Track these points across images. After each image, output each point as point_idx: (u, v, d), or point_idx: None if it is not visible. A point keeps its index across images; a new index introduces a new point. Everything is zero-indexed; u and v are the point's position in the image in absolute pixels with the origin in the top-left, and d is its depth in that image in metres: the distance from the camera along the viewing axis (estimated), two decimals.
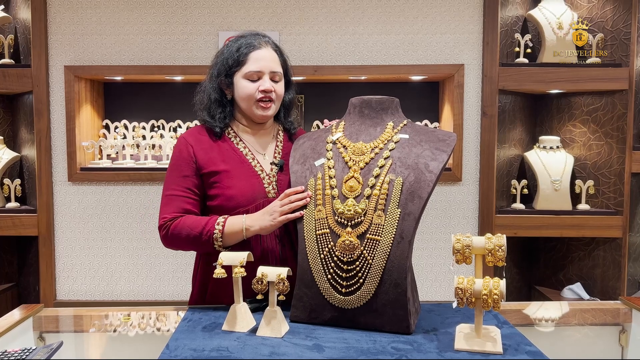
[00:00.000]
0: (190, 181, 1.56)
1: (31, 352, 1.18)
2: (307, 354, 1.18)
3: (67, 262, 3.10)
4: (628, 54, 2.95)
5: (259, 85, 1.58)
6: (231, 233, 1.48)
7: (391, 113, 1.47)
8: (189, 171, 1.56)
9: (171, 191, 1.56)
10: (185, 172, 1.56)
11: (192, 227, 1.50)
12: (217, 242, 1.48)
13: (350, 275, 1.33)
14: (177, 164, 1.59)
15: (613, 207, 3.03)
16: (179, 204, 1.54)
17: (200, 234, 1.48)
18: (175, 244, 1.54)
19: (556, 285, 3.24)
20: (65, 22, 3.02)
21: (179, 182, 1.56)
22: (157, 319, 1.58)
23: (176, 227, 1.51)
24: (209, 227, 1.48)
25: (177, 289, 3.11)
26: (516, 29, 3.16)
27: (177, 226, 1.51)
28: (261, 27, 2.97)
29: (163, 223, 1.54)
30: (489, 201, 3.05)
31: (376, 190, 1.34)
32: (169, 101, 3.25)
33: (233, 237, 1.49)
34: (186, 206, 1.55)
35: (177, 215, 1.53)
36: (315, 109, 3.28)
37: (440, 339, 1.27)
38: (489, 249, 1.22)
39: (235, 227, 1.48)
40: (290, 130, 1.72)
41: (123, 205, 3.07)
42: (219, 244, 1.49)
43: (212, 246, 1.49)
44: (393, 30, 3.02)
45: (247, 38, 1.61)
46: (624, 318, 1.59)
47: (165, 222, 1.53)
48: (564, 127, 3.20)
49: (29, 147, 3.17)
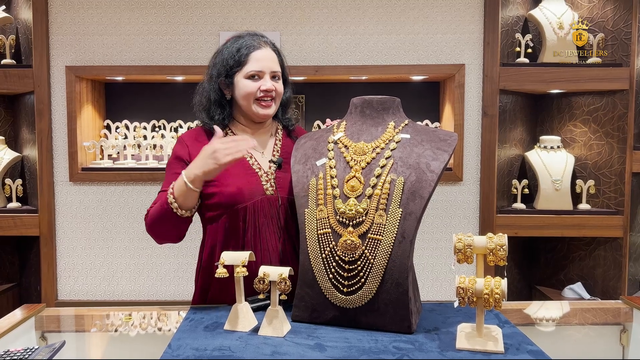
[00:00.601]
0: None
1: (34, 352, 1.19)
2: (309, 354, 1.18)
3: (68, 262, 3.11)
4: (629, 53, 2.96)
5: (259, 84, 1.59)
6: (180, 193, 1.48)
7: (392, 113, 1.47)
8: (180, 169, 1.57)
9: (162, 187, 1.60)
10: (176, 169, 1.58)
11: (157, 207, 1.52)
12: (174, 206, 1.48)
13: (351, 274, 1.33)
14: (171, 162, 1.63)
15: (614, 206, 3.03)
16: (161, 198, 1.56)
17: (162, 208, 1.50)
18: (156, 229, 1.56)
19: (557, 285, 3.24)
20: (67, 22, 3.02)
21: (169, 178, 1.58)
22: (158, 318, 1.58)
23: (149, 215, 1.55)
24: (166, 205, 1.50)
25: (179, 289, 3.11)
26: (517, 28, 3.16)
27: (150, 213, 1.55)
28: (262, 27, 2.98)
29: (145, 216, 1.58)
30: (489, 201, 3.05)
31: (377, 190, 1.34)
32: (170, 101, 3.25)
33: (185, 195, 1.48)
34: None
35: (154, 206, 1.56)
36: (316, 109, 3.28)
37: (442, 338, 1.27)
38: (490, 248, 1.22)
39: (180, 184, 1.48)
40: (288, 127, 1.74)
41: (124, 205, 3.08)
42: (176, 207, 1.49)
43: (176, 214, 1.50)
44: (394, 30, 3.02)
45: (246, 39, 1.62)
46: (625, 317, 1.59)
47: (146, 213, 1.58)
48: (565, 127, 3.21)
49: (30, 147, 3.18)
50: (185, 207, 1.51)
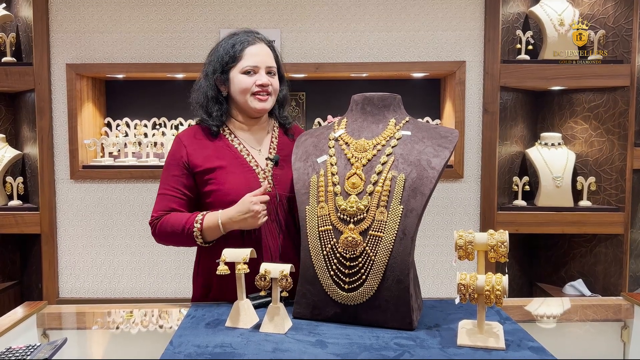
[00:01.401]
0: (179, 181, 1.60)
1: (36, 349, 1.19)
2: (310, 350, 1.19)
3: (69, 259, 3.11)
4: (629, 50, 2.95)
5: (255, 79, 1.60)
6: (209, 229, 1.53)
7: (393, 110, 1.47)
8: (178, 171, 1.61)
9: (162, 190, 1.62)
10: (174, 172, 1.61)
11: (175, 224, 1.56)
12: (198, 239, 1.54)
13: (352, 271, 1.33)
14: (169, 163, 1.64)
15: (614, 203, 3.03)
16: (167, 202, 1.60)
17: (182, 231, 1.54)
18: (165, 241, 1.62)
19: (558, 282, 3.24)
20: (67, 20, 3.02)
21: (169, 181, 1.61)
22: (159, 316, 1.59)
23: (162, 225, 1.58)
24: (189, 225, 1.54)
25: (180, 287, 3.12)
26: (517, 25, 3.16)
27: (162, 224, 1.58)
28: (262, 24, 2.97)
29: (151, 221, 1.61)
30: (490, 198, 3.05)
31: (378, 186, 1.34)
32: (171, 99, 3.25)
33: (213, 233, 1.54)
34: (172, 205, 1.60)
35: (163, 213, 1.59)
36: (316, 106, 3.28)
37: (443, 334, 1.27)
38: (491, 245, 1.22)
39: (212, 222, 1.53)
40: (285, 124, 1.75)
41: (125, 202, 3.08)
42: (200, 240, 1.55)
43: (196, 242, 1.55)
44: (394, 27, 3.02)
45: (241, 35, 1.64)
46: (626, 314, 1.60)
47: (152, 220, 1.61)
48: (566, 124, 3.20)
49: (31, 145, 3.18)
50: (207, 240, 1.56)
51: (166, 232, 1.57)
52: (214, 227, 1.52)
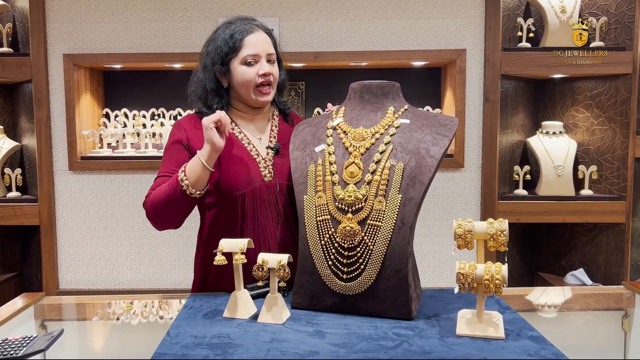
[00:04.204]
0: (179, 161, 1.55)
1: (32, 340, 1.18)
2: (309, 340, 1.18)
3: (68, 251, 3.11)
4: (632, 37, 2.92)
5: (257, 69, 1.57)
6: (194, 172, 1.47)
7: (392, 98, 1.45)
8: (177, 153, 1.57)
9: (160, 173, 1.57)
10: (174, 155, 1.57)
11: (162, 190, 1.49)
12: (184, 184, 1.47)
13: (351, 261, 1.32)
14: (169, 147, 1.61)
15: (616, 192, 3.01)
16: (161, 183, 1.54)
17: (174, 191, 1.47)
18: (158, 214, 1.53)
19: (559, 271, 3.23)
20: (64, 10, 2.99)
21: (167, 164, 1.57)
22: (159, 306, 1.58)
23: (152, 200, 1.51)
24: (175, 181, 1.47)
25: (179, 277, 3.11)
26: (518, 13, 3.13)
27: (152, 199, 1.51)
28: (261, 13, 2.95)
29: (144, 203, 1.55)
30: (491, 187, 3.03)
31: (377, 175, 1.33)
32: (169, 89, 3.23)
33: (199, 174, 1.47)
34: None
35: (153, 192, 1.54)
36: (315, 95, 3.25)
37: (442, 324, 1.27)
38: (490, 233, 1.21)
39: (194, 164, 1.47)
40: (284, 110, 1.73)
41: (124, 193, 3.07)
42: (192, 190, 1.47)
43: (191, 196, 1.48)
44: (394, 15, 2.99)
45: (238, 24, 1.60)
46: (627, 303, 1.59)
47: (145, 199, 1.55)
48: (567, 112, 3.18)
49: (29, 136, 3.17)
50: (200, 188, 1.49)
51: (158, 202, 1.49)
52: (198, 166, 1.46)
